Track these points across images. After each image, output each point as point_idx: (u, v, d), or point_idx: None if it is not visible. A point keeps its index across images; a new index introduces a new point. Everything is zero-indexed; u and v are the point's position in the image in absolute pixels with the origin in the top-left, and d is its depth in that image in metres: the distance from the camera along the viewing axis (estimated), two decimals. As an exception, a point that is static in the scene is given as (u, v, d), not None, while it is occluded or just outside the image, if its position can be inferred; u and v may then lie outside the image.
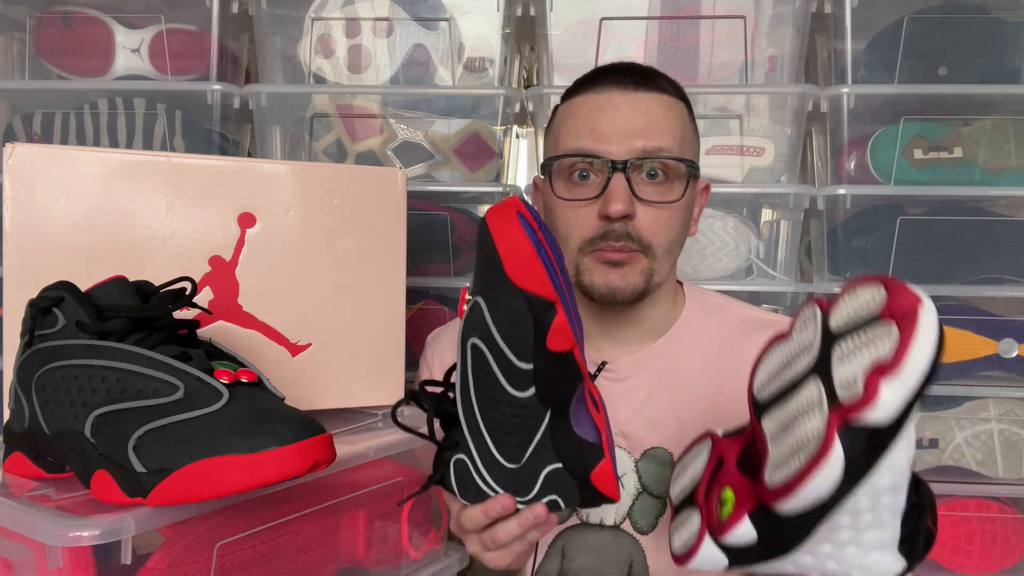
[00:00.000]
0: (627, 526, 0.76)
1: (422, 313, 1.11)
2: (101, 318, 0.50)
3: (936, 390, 1.07)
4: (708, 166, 1.09)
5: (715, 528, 0.55)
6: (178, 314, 0.54)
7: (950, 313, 1.07)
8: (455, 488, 0.58)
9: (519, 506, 0.57)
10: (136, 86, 1.09)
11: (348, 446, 0.59)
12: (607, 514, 0.77)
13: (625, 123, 0.72)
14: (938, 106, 1.08)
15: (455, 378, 0.55)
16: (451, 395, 0.57)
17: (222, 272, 0.66)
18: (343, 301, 0.71)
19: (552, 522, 0.58)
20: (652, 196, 0.71)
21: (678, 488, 0.63)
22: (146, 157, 0.65)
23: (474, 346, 0.52)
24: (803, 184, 1.12)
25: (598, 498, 0.58)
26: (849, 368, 0.45)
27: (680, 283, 0.84)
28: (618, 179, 0.70)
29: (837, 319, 0.49)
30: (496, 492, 0.56)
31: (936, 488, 1.08)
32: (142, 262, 0.64)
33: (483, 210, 1.16)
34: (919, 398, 0.42)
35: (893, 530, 0.51)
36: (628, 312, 0.78)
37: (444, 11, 1.10)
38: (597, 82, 0.75)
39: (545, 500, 0.57)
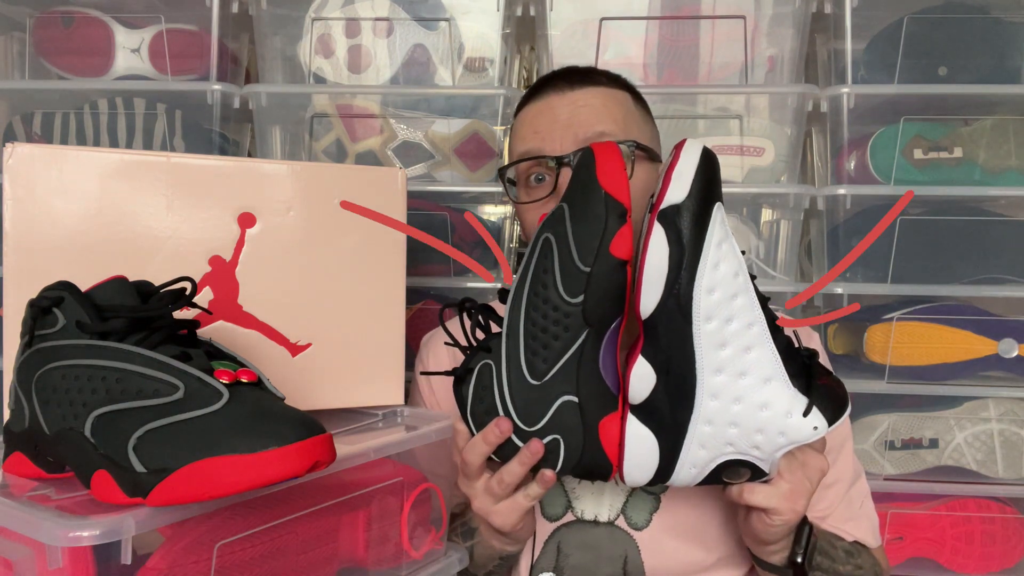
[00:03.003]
0: (621, 522, 0.77)
1: (422, 313, 1.10)
2: (101, 318, 0.50)
3: (936, 390, 1.08)
4: (708, 166, 1.09)
5: (626, 394, 0.60)
6: (178, 314, 0.54)
7: (950, 313, 1.07)
8: (469, 396, 0.61)
9: (519, 441, 0.59)
10: (136, 86, 1.09)
11: (348, 446, 0.59)
12: (602, 510, 0.77)
13: (564, 120, 0.75)
14: (938, 106, 1.08)
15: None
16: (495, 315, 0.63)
17: (222, 272, 0.66)
18: (343, 301, 0.71)
19: (550, 481, 0.61)
20: None
21: None
22: (146, 157, 0.65)
23: (545, 240, 0.58)
24: (803, 184, 1.12)
25: (597, 460, 0.60)
26: (656, 186, 0.60)
27: None
28: (564, 173, 0.73)
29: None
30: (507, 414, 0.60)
31: (936, 488, 1.10)
32: (142, 262, 0.64)
33: (483, 210, 1.16)
34: (709, 188, 0.56)
35: (772, 353, 0.56)
36: None
37: (444, 11, 1.10)
38: (537, 92, 0.79)
39: (547, 439, 0.59)
